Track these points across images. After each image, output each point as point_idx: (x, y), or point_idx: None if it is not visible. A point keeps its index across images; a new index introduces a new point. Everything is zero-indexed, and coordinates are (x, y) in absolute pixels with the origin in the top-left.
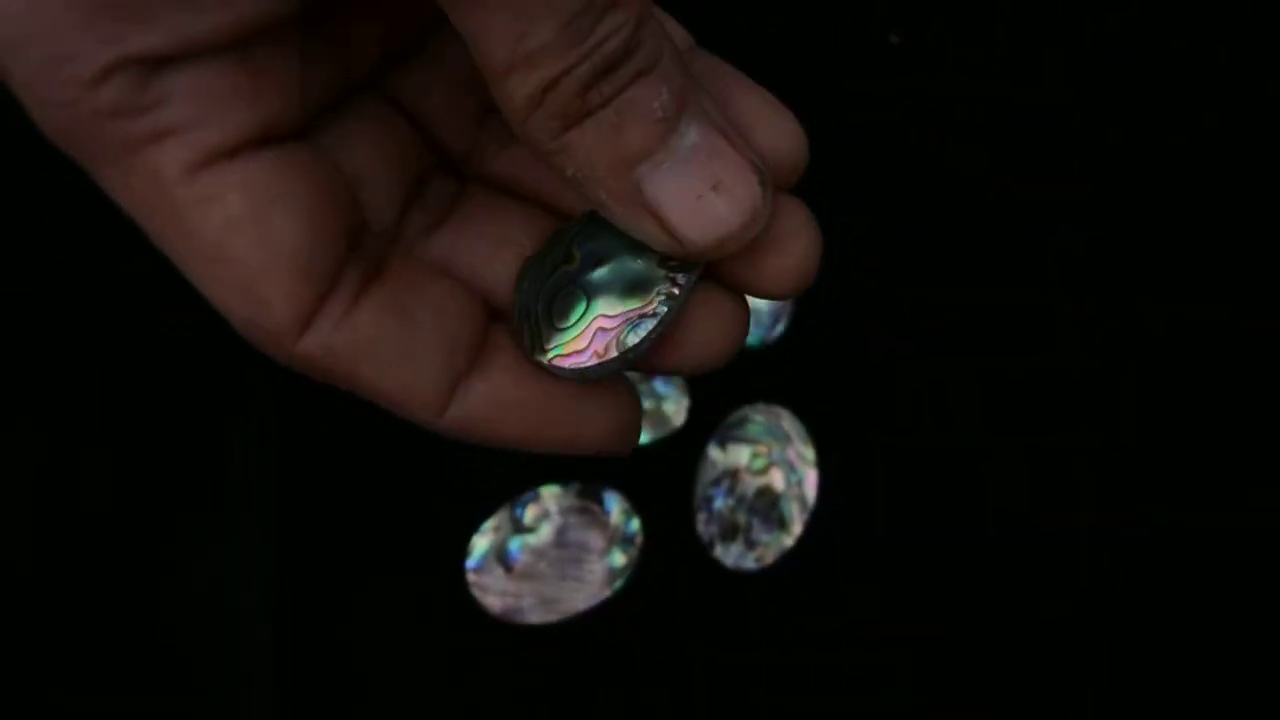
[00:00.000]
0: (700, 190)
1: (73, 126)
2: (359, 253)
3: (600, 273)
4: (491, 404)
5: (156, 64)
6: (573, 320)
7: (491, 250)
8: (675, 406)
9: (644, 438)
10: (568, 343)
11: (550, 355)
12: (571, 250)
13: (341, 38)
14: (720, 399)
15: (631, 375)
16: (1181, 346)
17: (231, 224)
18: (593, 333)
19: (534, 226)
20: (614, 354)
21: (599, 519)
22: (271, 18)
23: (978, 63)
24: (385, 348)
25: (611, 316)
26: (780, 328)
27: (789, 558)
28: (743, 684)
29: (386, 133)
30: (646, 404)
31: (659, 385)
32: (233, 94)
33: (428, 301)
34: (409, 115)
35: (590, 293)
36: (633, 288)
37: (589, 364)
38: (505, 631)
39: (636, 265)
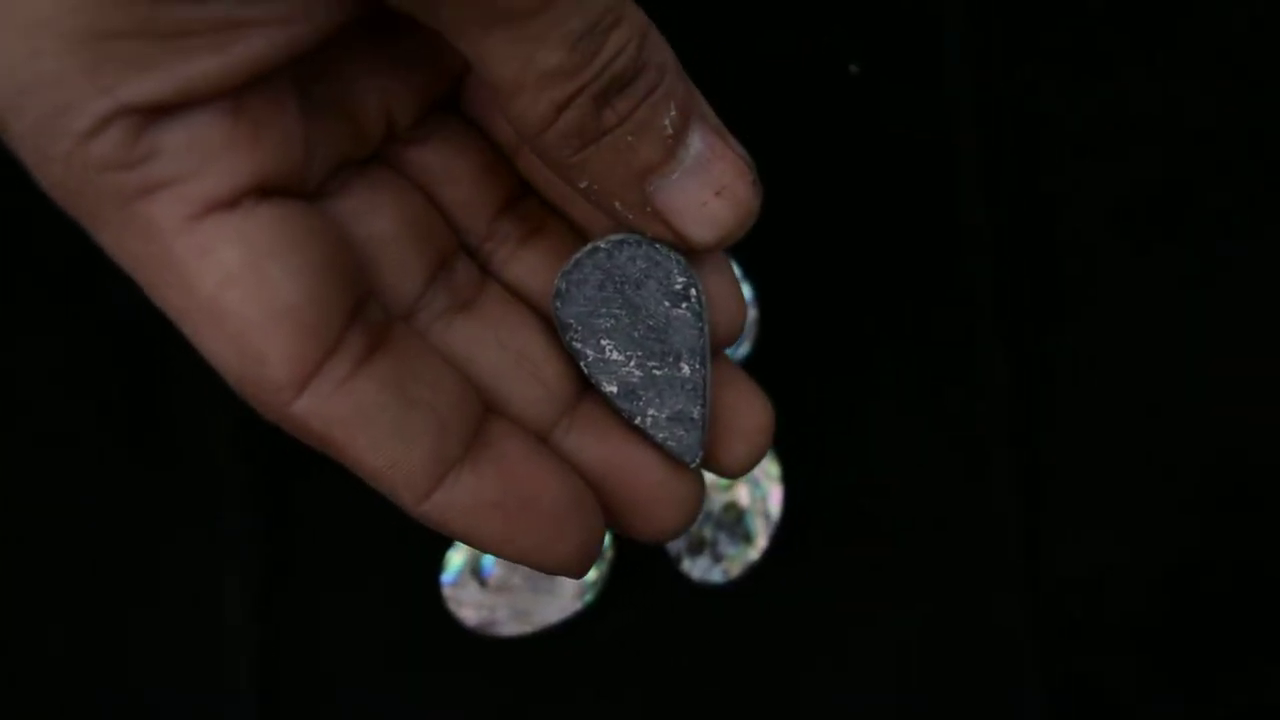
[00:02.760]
0: (706, 197)
1: (68, 180)
2: (363, 320)
3: None
4: (477, 499)
5: (152, 114)
6: None
7: (514, 364)
8: None
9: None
10: None
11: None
12: None
13: (346, 94)
14: None
15: None
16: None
17: (229, 277)
18: None
19: (556, 346)
20: None
21: None
22: (265, 62)
23: (940, 90)
24: (381, 422)
25: None
26: (745, 348)
27: (755, 571)
28: (711, 693)
29: (410, 206)
30: None
31: None
32: (229, 144)
33: (428, 382)
34: (433, 194)
35: None
36: None
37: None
38: (480, 643)
39: None
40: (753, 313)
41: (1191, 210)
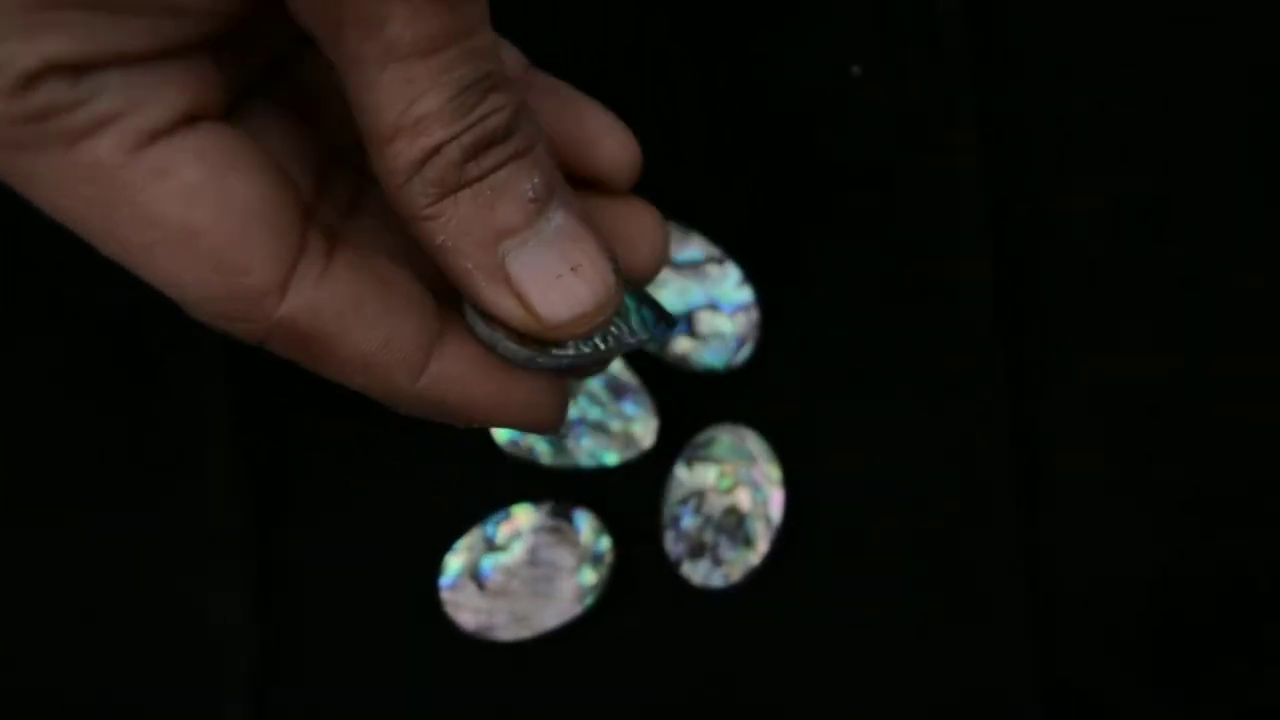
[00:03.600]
0: (560, 270)
1: (6, 136)
2: (317, 219)
3: None
4: (468, 365)
5: (85, 67)
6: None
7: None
8: (644, 428)
9: (614, 458)
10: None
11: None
12: None
13: (244, 38)
14: (688, 420)
15: (599, 396)
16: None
17: (192, 194)
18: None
19: None
20: (570, 352)
21: (570, 537)
22: (194, 39)
23: (939, 89)
24: (369, 304)
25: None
26: (746, 350)
27: (755, 575)
28: (711, 698)
29: (292, 124)
30: (615, 425)
31: (628, 407)
32: (160, 83)
33: (388, 266)
34: (309, 113)
35: None
36: None
37: (542, 359)
38: (478, 648)
39: None
40: (754, 316)
41: (1190, 213)
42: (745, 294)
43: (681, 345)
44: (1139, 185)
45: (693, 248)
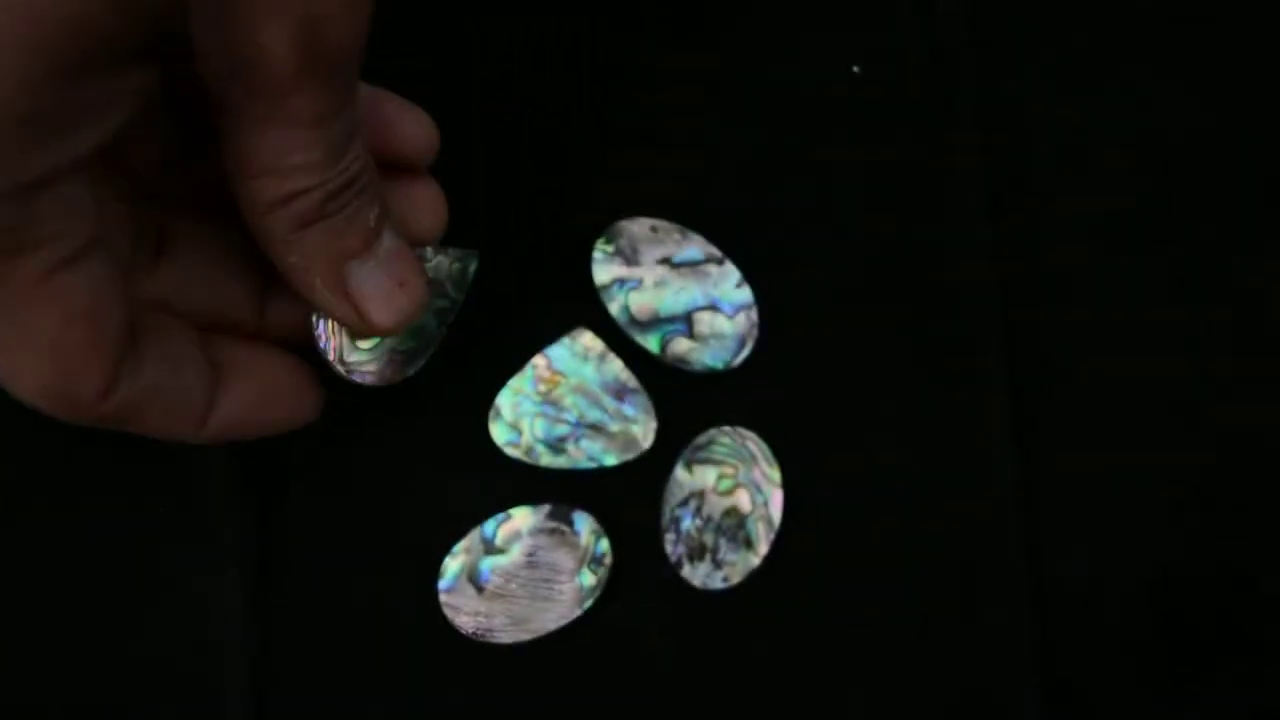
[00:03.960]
0: (391, 286)
1: None
2: (134, 328)
3: None
4: (240, 412)
5: (34, 187)
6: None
7: (217, 278)
8: (643, 429)
9: (613, 460)
10: (365, 362)
11: (349, 366)
12: None
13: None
14: (687, 421)
15: (599, 398)
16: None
17: (71, 319)
18: (386, 357)
19: (239, 252)
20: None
21: (569, 540)
22: (111, 138)
23: (945, 82)
24: (164, 391)
25: (400, 351)
26: (746, 351)
27: (756, 577)
28: (712, 700)
29: (109, 206)
30: (615, 427)
31: (628, 408)
32: (75, 213)
33: (175, 341)
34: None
35: None
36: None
37: (372, 381)
38: (477, 651)
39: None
40: (754, 316)
41: (1191, 213)
42: (745, 294)
43: (681, 346)
44: (1139, 184)
45: (692, 247)
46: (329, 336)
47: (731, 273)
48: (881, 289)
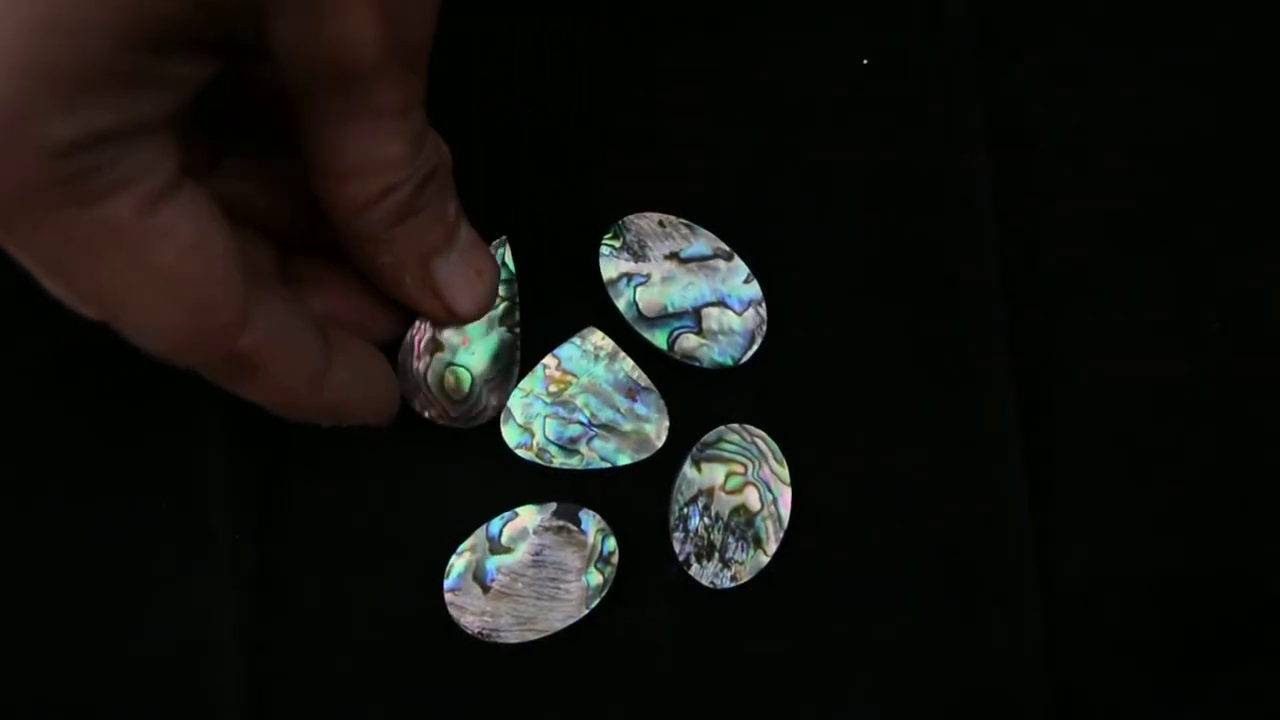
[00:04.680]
0: (470, 277)
1: (29, 188)
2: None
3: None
4: (350, 371)
5: (111, 136)
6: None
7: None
8: (656, 429)
9: (626, 459)
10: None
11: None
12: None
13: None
14: (695, 418)
15: (612, 398)
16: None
17: (186, 249)
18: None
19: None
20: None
21: (576, 538)
22: (185, 104)
23: (950, 81)
24: (294, 337)
25: (491, 379)
26: (755, 346)
27: (765, 575)
28: (720, 700)
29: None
30: (627, 426)
31: (640, 408)
32: (161, 149)
33: (287, 295)
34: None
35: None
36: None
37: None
38: (482, 650)
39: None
40: (762, 312)
41: (1195, 211)
42: (754, 289)
43: (689, 342)
44: (1142, 184)
45: (700, 242)
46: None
47: (740, 268)
48: (886, 288)
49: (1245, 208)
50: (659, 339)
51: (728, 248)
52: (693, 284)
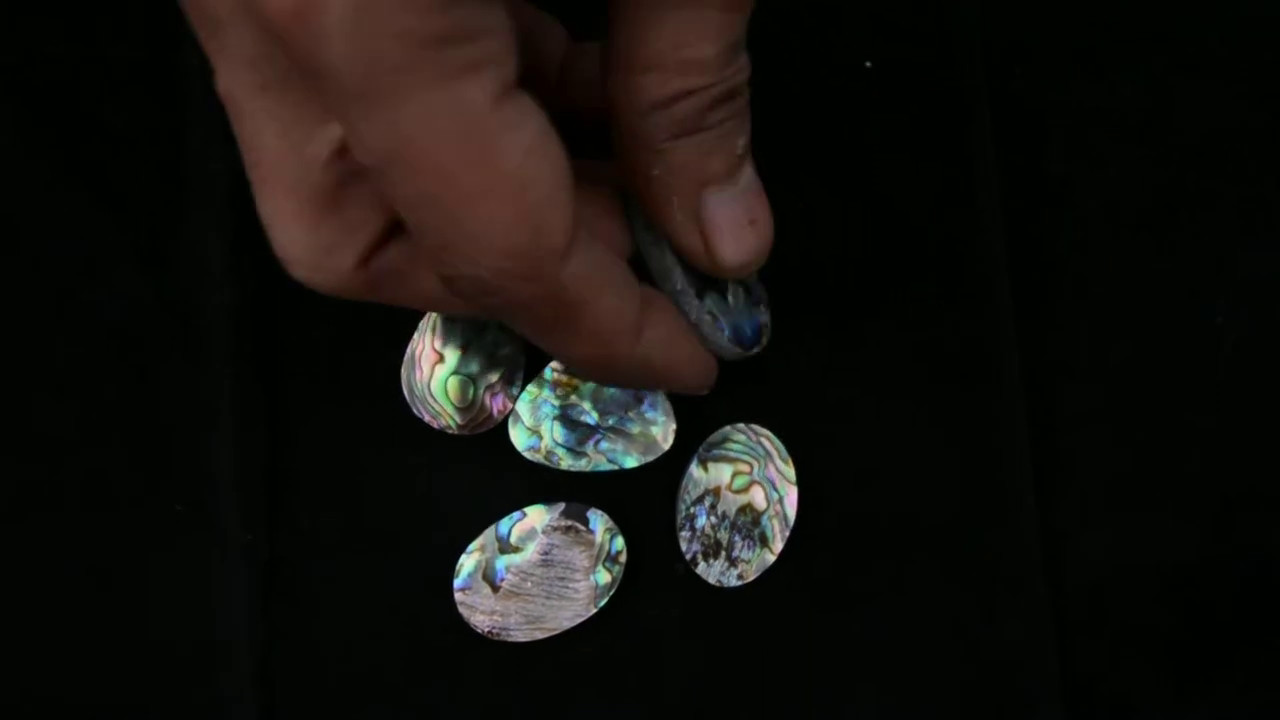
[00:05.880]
0: (743, 222)
1: (393, 52)
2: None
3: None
4: (669, 329)
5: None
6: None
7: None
8: (663, 430)
9: (633, 461)
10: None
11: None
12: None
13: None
14: (701, 418)
15: (619, 400)
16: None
17: (531, 149)
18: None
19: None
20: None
21: (584, 538)
22: None
23: (954, 82)
24: (614, 274)
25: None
26: (763, 341)
27: (771, 574)
28: (727, 698)
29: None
30: (635, 429)
31: (647, 410)
32: (511, 41)
33: (600, 243)
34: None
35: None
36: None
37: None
38: (493, 649)
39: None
40: (766, 315)
41: (1204, 203)
42: (759, 288)
43: None
44: (1153, 176)
45: None
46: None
47: None
48: (893, 285)
49: (1252, 202)
50: None
51: None
52: None
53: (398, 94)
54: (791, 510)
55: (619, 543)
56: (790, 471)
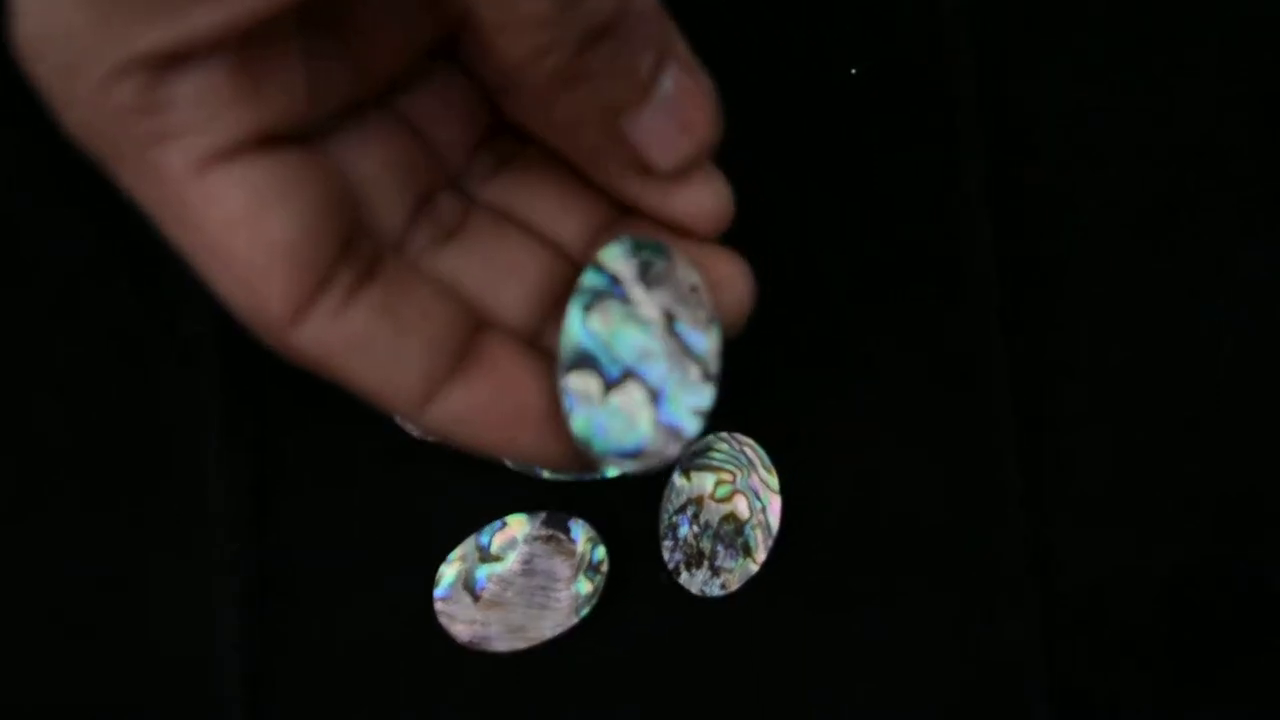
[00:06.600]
0: (673, 132)
1: (91, 122)
2: (354, 254)
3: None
4: (470, 407)
5: (165, 64)
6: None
7: (498, 276)
8: None
9: (615, 470)
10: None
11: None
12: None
13: (348, 42)
14: None
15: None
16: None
17: (231, 222)
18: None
19: (536, 256)
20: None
21: (565, 547)
22: (265, 13)
23: (943, 84)
24: (374, 346)
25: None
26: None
27: (754, 584)
28: (710, 708)
29: (398, 148)
30: None
31: None
32: (235, 97)
33: (417, 305)
34: (419, 135)
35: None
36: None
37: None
38: (473, 659)
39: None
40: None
41: (1196, 208)
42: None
43: None
44: (1144, 181)
45: None
46: None
47: None
48: (882, 290)
49: (1251, 203)
50: None
51: None
52: None
53: (114, 158)
54: (775, 519)
55: (600, 552)
56: (774, 480)
